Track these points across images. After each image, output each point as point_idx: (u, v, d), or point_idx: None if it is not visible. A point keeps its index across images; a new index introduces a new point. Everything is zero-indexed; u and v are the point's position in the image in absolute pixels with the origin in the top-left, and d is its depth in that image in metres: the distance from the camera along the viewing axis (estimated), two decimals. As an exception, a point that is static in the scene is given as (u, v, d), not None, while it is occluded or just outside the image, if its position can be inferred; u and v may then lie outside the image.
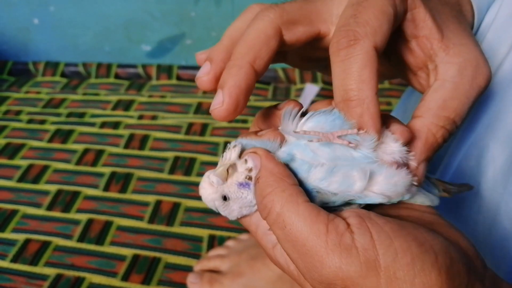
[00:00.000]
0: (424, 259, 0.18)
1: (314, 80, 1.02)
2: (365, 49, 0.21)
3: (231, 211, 0.23)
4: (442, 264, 0.18)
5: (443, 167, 0.34)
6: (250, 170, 0.22)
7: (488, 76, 0.23)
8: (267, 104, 0.95)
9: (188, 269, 0.62)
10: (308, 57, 0.28)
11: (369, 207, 0.23)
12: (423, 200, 0.24)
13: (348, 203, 0.22)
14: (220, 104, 0.22)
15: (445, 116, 0.23)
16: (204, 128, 0.89)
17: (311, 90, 0.87)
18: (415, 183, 0.23)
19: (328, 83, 1.02)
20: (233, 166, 0.22)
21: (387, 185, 0.22)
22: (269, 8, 0.23)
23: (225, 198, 0.23)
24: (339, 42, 0.21)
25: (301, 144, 0.22)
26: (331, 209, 0.21)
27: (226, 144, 0.84)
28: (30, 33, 1.09)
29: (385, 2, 0.21)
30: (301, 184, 0.22)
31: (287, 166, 0.22)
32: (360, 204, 0.22)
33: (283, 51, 0.27)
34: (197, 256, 0.64)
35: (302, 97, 0.88)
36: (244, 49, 0.23)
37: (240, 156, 0.23)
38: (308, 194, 0.21)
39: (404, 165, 0.23)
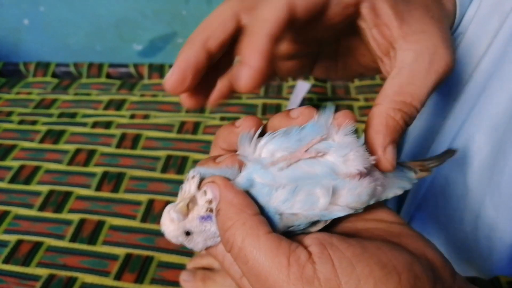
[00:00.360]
0: (387, 282, 0.18)
1: (306, 77, 1.02)
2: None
3: (195, 244, 0.23)
4: (405, 283, 0.18)
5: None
6: (211, 202, 0.22)
7: (448, 62, 0.24)
8: (259, 101, 0.95)
9: (181, 267, 0.62)
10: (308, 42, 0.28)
11: (336, 219, 0.22)
12: (395, 191, 0.24)
13: (313, 223, 0.22)
14: (169, 75, 0.24)
15: (402, 100, 0.23)
16: (196, 126, 0.89)
17: (302, 87, 0.87)
18: (389, 170, 0.23)
19: (320, 80, 1.02)
20: (193, 199, 0.22)
21: (351, 196, 0.22)
22: None
23: (187, 233, 0.23)
24: None
25: (259, 168, 0.22)
26: (296, 232, 0.21)
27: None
28: (20, 34, 1.08)
29: None
30: (262, 209, 0.21)
31: (247, 192, 0.22)
32: (326, 220, 0.22)
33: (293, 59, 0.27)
34: (189, 254, 0.64)
35: (294, 94, 0.88)
36: (200, 29, 0.24)
37: (199, 186, 0.22)
38: (271, 219, 0.21)
39: (367, 173, 0.22)
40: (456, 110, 0.31)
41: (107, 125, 0.91)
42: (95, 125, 0.91)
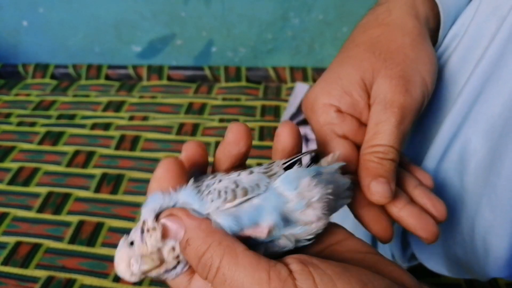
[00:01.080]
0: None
1: (304, 79, 1.02)
2: None
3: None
4: None
5: (427, 160, 0.34)
6: (173, 249, 0.20)
7: (399, 101, 0.27)
8: (258, 103, 0.96)
9: (180, 269, 0.62)
10: None
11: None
12: (342, 202, 0.25)
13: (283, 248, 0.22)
14: None
15: (370, 145, 0.27)
16: (195, 128, 0.89)
17: (301, 89, 0.87)
18: (383, 202, 0.26)
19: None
20: (158, 251, 0.20)
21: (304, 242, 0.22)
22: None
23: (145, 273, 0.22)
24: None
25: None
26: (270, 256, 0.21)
27: (217, 144, 0.84)
28: (19, 35, 1.08)
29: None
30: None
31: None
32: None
33: None
34: (188, 256, 0.64)
35: (293, 96, 0.88)
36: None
37: (157, 219, 0.21)
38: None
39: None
40: (452, 113, 0.31)
41: (106, 126, 0.91)
42: (94, 126, 0.91)
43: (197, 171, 0.25)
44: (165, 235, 0.20)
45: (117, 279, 0.61)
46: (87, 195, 0.75)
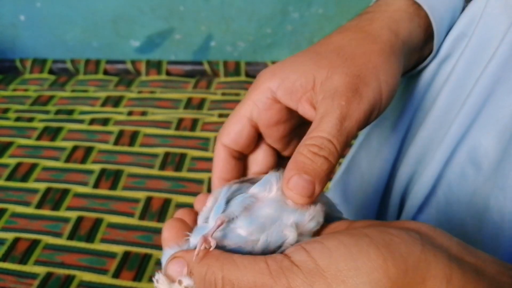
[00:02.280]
0: (358, 244, 0.19)
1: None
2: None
3: None
4: (378, 241, 0.19)
5: (432, 164, 0.34)
6: (186, 287, 0.21)
7: (347, 96, 0.26)
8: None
9: (180, 265, 0.62)
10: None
11: None
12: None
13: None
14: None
15: (308, 137, 0.25)
16: (194, 123, 0.89)
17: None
18: (299, 200, 0.24)
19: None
20: None
21: (311, 223, 0.24)
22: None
23: None
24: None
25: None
26: None
27: (216, 138, 0.84)
28: (16, 30, 1.08)
29: (242, 109, 0.28)
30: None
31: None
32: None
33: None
34: (188, 252, 0.64)
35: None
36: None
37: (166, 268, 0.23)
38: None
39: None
40: (460, 116, 0.30)
41: (105, 122, 0.90)
42: (92, 122, 0.90)
43: None
44: (173, 278, 0.22)
45: (116, 275, 0.61)
46: (86, 190, 0.74)
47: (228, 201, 0.24)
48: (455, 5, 0.33)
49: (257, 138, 0.29)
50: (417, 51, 0.32)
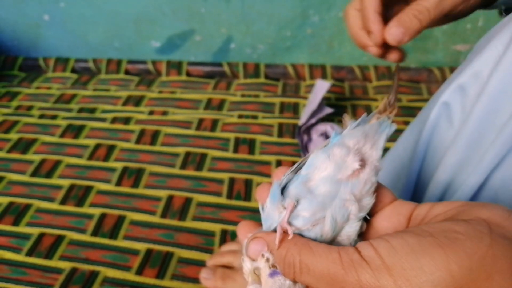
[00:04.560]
0: (421, 243, 0.20)
1: (323, 77, 1.02)
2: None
3: None
4: (442, 240, 0.20)
5: (463, 188, 0.34)
6: (268, 259, 0.24)
7: None
8: (276, 100, 0.96)
9: (201, 263, 0.63)
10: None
11: None
12: (382, 145, 0.27)
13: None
14: (393, 31, 0.38)
15: (413, 5, 0.36)
16: (214, 123, 0.90)
17: (322, 86, 0.87)
18: (392, 42, 0.38)
19: (338, 79, 1.02)
20: (256, 268, 0.25)
21: (366, 187, 0.25)
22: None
23: None
24: None
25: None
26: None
27: (236, 139, 0.85)
28: (40, 29, 1.10)
29: None
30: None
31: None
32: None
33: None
34: (209, 251, 0.64)
35: (313, 93, 0.88)
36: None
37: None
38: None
39: (362, 163, 0.26)
40: (496, 144, 0.31)
41: (126, 120, 0.91)
42: (114, 120, 0.92)
43: None
44: (254, 256, 0.25)
45: (139, 272, 0.62)
46: (109, 188, 0.75)
47: (283, 189, 0.26)
48: None
49: None
50: None
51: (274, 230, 0.25)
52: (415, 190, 0.41)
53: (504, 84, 0.31)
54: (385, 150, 0.30)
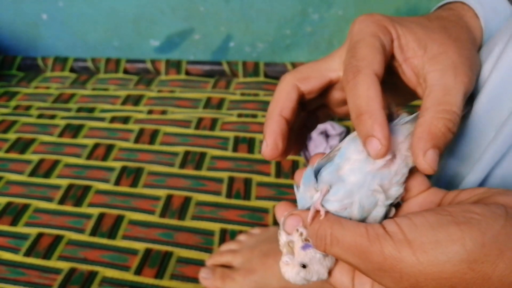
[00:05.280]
0: (440, 221, 0.22)
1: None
2: (367, 75, 0.27)
3: (316, 272, 0.27)
4: (459, 219, 0.22)
5: (465, 186, 0.33)
6: (301, 234, 0.27)
7: (469, 75, 0.28)
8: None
9: (200, 263, 0.62)
10: (338, 102, 0.35)
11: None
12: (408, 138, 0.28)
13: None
14: (265, 147, 0.31)
15: (442, 109, 0.27)
16: (213, 122, 0.89)
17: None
18: (429, 172, 0.27)
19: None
20: (290, 242, 0.27)
21: (396, 177, 0.27)
22: (287, 73, 0.32)
23: (303, 266, 0.27)
24: (347, 76, 0.28)
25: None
26: None
27: (235, 138, 0.84)
28: (39, 28, 1.09)
29: (372, 39, 0.28)
30: None
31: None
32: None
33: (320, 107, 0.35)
34: (209, 250, 0.64)
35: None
36: (273, 105, 0.31)
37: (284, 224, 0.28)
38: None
39: (392, 154, 0.27)
40: (498, 140, 0.30)
41: (125, 120, 0.91)
42: (113, 120, 0.91)
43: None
44: (290, 230, 0.27)
45: (138, 271, 0.61)
46: (107, 187, 0.75)
47: (316, 175, 0.28)
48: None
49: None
50: None
51: (308, 209, 0.27)
52: None
53: (503, 81, 0.30)
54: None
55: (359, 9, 0.98)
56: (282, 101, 0.31)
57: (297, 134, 0.35)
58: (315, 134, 0.80)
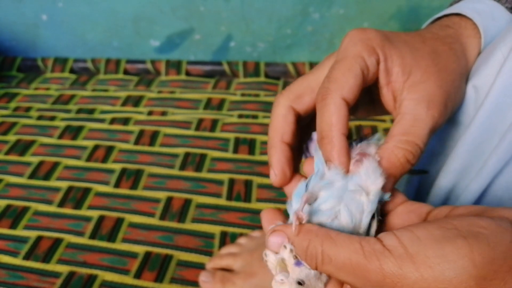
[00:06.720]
0: (445, 234, 0.21)
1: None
2: (334, 99, 0.27)
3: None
4: (466, 233, 0.20)
5: (466, 194, 0.33)
6: (291, 251, 0.25)
7: (440, 109, 0.28)
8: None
9: (200, 266, 0.62)
10: None
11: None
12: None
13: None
14: (274, 177, 0.30)
15: (406, 140, 0.27)
16: (214, 124, 0.89)
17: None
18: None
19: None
20: (281, 259, 0.26)
21: (373, 174, 0.26)
22: (279, 95, 0.32)
23: (299, 283, 0.25)
24: (317, 97, 0.28)
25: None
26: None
27: (236, 139, 0.84)
28: (38, 29, 1.09)
29: (352, 60, 0.28)
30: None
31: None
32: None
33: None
34: (209, 253, 0.64)
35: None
36: (273, 131, 0.31)
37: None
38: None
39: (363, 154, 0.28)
40: (501, 148, 0.30)
41: (125, 121, 0.90)
42: (113, 121, 0.91)
43: None
44: (276, 250, 0.26)
45: (138, 275, 0.61)
46: (107, 190, 0.75)
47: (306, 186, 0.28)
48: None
49: None
50: None
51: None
52: (415, 198, 0.40)
53: (507, 88, 0.30)
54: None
55: (360, 8, 0.97)
56: (280, 127, 0.31)
57: (296, 146, 0.35)
58: (315, 135, 0.79)
